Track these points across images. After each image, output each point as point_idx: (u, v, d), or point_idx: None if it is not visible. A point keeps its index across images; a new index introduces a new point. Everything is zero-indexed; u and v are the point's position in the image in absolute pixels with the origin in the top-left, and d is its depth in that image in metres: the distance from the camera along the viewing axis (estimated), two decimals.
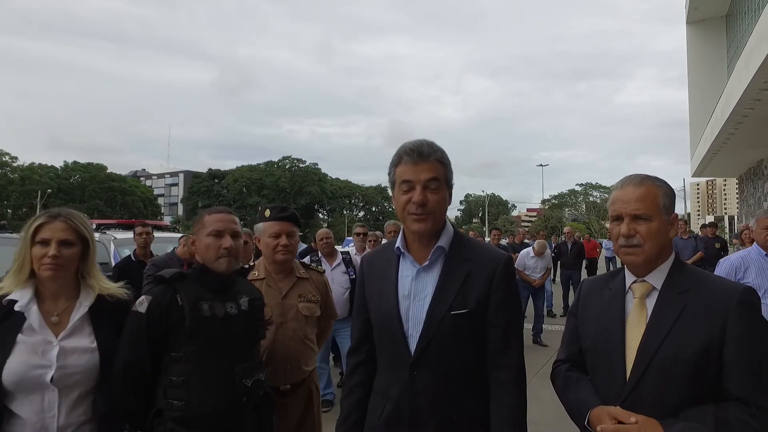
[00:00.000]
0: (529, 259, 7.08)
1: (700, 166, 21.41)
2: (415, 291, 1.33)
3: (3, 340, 1.43)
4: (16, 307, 1.46)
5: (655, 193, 1.27)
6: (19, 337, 1.44)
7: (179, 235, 7.28)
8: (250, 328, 1.75)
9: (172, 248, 6.34)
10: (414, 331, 1.31)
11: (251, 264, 2.63)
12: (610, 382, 1.27)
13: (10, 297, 1.47)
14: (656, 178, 1.32)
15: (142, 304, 1.60)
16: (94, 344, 1.52)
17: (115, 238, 5.43)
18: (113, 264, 4.35)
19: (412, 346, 1.31)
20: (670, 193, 1.31)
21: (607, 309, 1.34)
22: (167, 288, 1.64)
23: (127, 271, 3.49)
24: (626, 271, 1.35)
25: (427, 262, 1.34)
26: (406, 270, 1.37)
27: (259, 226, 2.14)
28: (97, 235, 3.83)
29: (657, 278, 1.28)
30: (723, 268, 2.89)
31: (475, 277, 1.31)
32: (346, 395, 1.49)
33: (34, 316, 1.48)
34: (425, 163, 1.29)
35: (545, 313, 7.74)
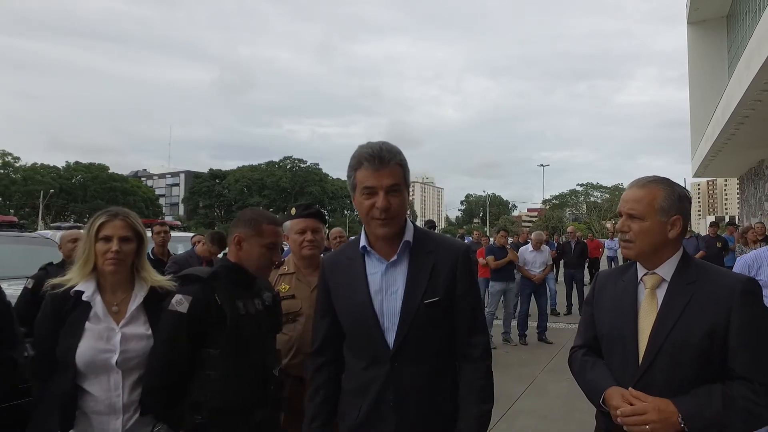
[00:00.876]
0: (528, 254, 7.20)
1: (701, 166, 21.45)
2: (386, 285, 1.38)
3: (73, 327, 1.59)
4: (84, 298, 1.61)
5: (654, 195, 1.35)
6: (87, 324, 1.60)
7: (188, 234, 7.39)
8: (273, 321, 1.87)
9: (180, 246, 6.42)
10: (390, 323, 1.35)
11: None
12: (624, 365, 1.37)
13: (76, 288, 1.62)
14: (663, 181, 1.39)
15: (181, 303, 1.62)
16: (149, 331, 1.67)
17: None
18: None
19: (390, 338, 1.35)
20: (673, 196, 1.36)
21: (621, 298, 1.44)
22: (205, 287, 1.67)
23: None
24: (638, 265, 1.45)
25: (395, 257, 1.38)
26: (373, 267, 1.41)
27: (287, 224, 2.25)
28: None
29: (666, 270, 1.38)
30: (738, 265, 3.04)
31: (441, 266, 1.38)
32: (310, 397, 1.48)
33: (98, 305, 1.63)
34: (386, 169, 1.32)
35: (549, 311, 7.85)
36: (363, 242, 1.42)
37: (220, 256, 3.85)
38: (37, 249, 4.39)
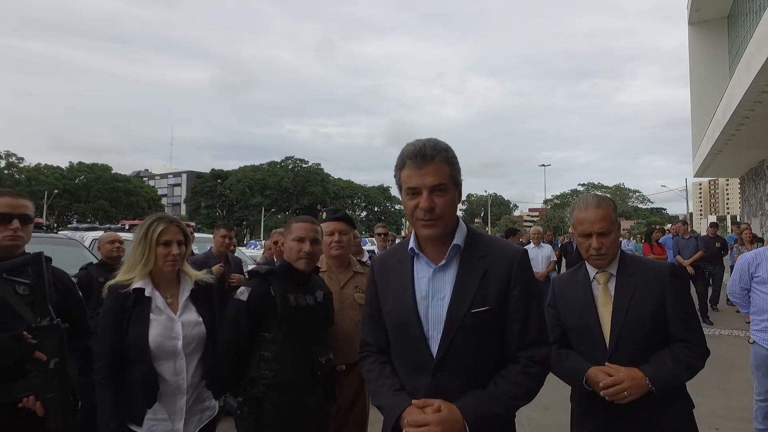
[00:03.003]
0: (530, 251, 7.37)
1: (702, 166, 21.58)
2: (433, 291, 1.30)
3: (140, 319, 1.80)
4: (147, 294, 1.84)
5: (610, 212, 1.69)
6: (151, 316, 1.82)
7: (205, 235, 7.58)
8: (324, 316, 2.11)
9: (195, 248, 6.63)
10: (435, 332, 1.28)
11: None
12: (594, 350, 1.68)
13: (135, 286, 1.82)
14: (606, 198, 1.74)
15: (243, 293, 1.96)
16: (200, 318, 1.92)
17: None
18: None
19: (434, 347, 1.27)
20: (615, 207, 1.74)
21: (581, 296, 1.75)
22: (262, 281, 1.99)
23: None
24: (587, 266, 1.78)
25: (443, 262, 1.31)
26: (422, 271, 1.34)
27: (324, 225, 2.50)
28: (130, 235, 4.13)
29: (613, 267, 1.74)
30: (739, 262, 3.31)
31: (493, 273, 1.29)
32: (377, 376, 1.38)
33: (158, 299, 1.86)
34: (430, 166, 1.26)
35: None
36: (412, 244, 1.36)
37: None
38: (64, 249, 4.58)
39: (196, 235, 7.15)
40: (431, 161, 1.26)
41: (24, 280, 1.73)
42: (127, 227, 7.60)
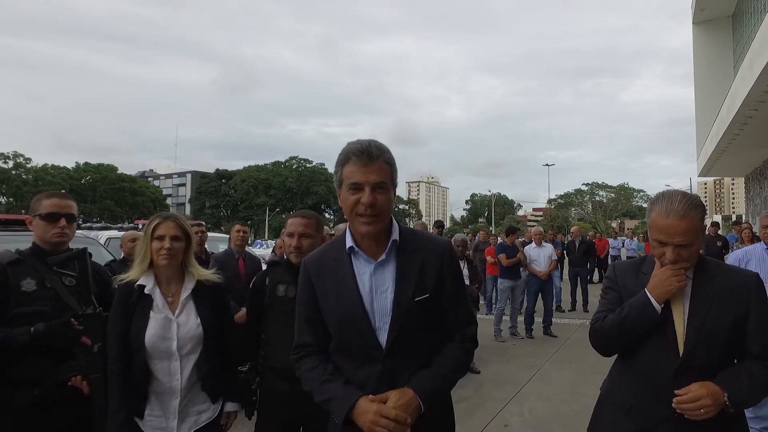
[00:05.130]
0: (532, 251, 7.48)
1: (706, 165, 21.53)
2: (376, 285, 1.37)
3: (141, 316, 1.81)
4: (146, 291, 1.84)
5: (696, 223, 1.43)
6: (151, 313, 1.82)
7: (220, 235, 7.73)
8: None
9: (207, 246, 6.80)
10: (381, 323, 1.35)
11: None
12: (661, 354, 1.48)
13: (138, 283, 1.84)
14: (695, 204, 1.45)
15: (252, 282, 2.28)
16: (198, 320, 1.88)
17: None
18: None
19: (382, 338, 1.35)
20: (704, 213, 1.48)
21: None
22: (264, 272, 2.24)
23: None
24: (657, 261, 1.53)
25: (383, 257, 1.38)
26: (362, 267, 1.39)
27: (340, 226, 2.71)
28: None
29: (689, 270, 1.51)
30: (730, 260, 3.44)
31: (428, 264, 1.39)
32: (330, 372, 1.39)
33: (158, 297, 1.85)
34: (374, 165, 1.32)
35: (554, 308, 8.17)
36: (350, 242, 1.40)
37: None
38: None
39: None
40: (376, 160, 1.33)
41: (70, 273, 1.93)
42: (140, 227, 7.79)
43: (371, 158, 1.32)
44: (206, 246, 4.56)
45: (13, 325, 1.79)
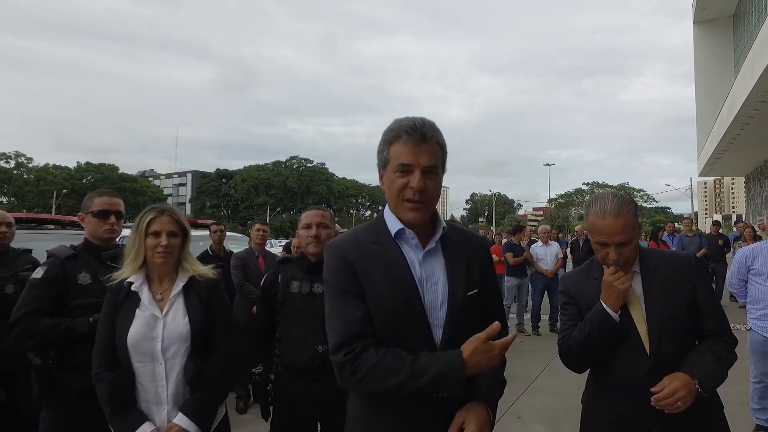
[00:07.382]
0: (539, 249, 7.58)
1: (706, 165, 21.61)
2: (426, 275, 1.24)
3: (126, 314, 1.70)
4: (133, 288, 1.72)
5: (631, 219, 1.47)
6: (137, 312, 1.69)
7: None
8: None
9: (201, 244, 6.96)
10: (433, 318, 1.22)
11: None
12: (633, 355, 1.50)
13: (128, 280, 1.73)
14: (627, 202, 1.49)
15: (262, 279, 2.26)
16: (186, 318, 1.72)
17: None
18: None
19: (437, 333, 1.22)
20: (636, 209, 1.52)
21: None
22: (276, 269, 2.21)
23: (206, 264, 4.08)
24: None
25: (432, 245, 1.26)
26: (410, 254, 1.25)
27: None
28: None
29: (635, 264, 1.55)
30: (737, 256, 3.56)
31: (474, 258, 1.31)
32: (414, 358, 1.16)
33: (145, 295, 1.72)
34: (426, 146, 1.19)
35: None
36: (399, 225, 1.25)
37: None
38: None
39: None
40: (428, 141, 1.20)
41: (120, 267, 2.02)
42: None
43: (424, 138, 1.19)
44: (224, 244, 4.66)
45: (72, 316, 1.89)
